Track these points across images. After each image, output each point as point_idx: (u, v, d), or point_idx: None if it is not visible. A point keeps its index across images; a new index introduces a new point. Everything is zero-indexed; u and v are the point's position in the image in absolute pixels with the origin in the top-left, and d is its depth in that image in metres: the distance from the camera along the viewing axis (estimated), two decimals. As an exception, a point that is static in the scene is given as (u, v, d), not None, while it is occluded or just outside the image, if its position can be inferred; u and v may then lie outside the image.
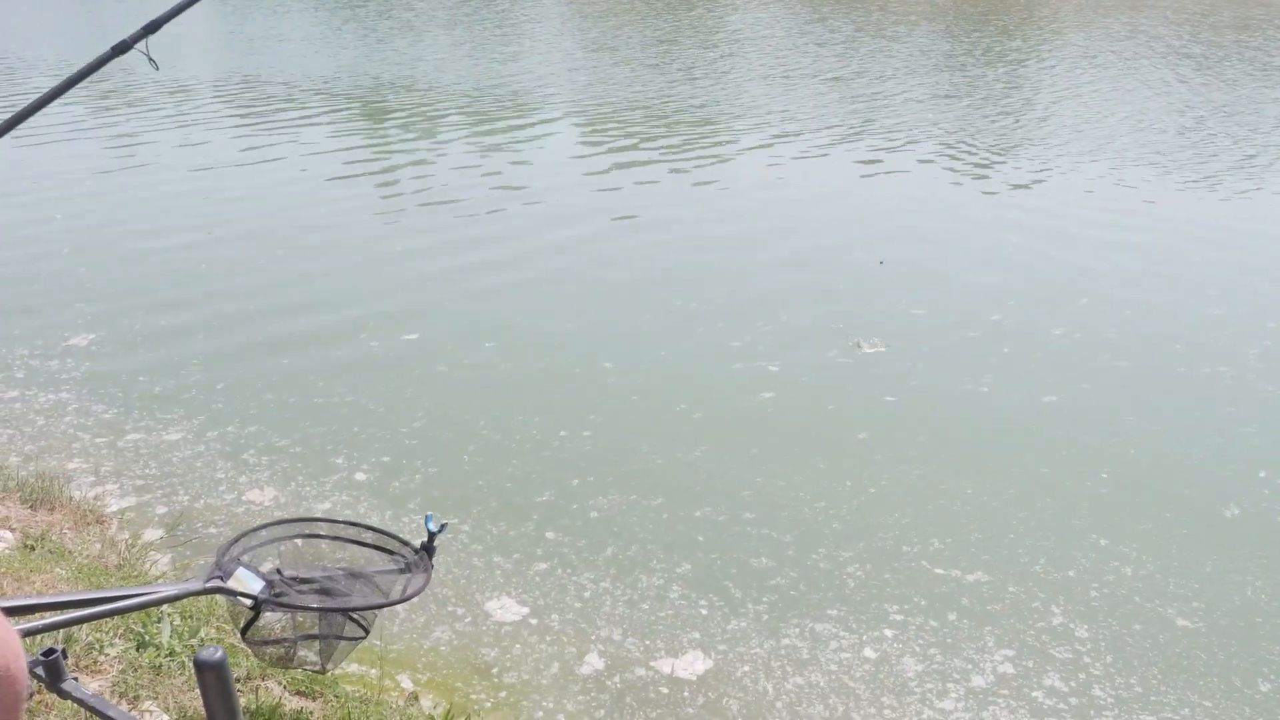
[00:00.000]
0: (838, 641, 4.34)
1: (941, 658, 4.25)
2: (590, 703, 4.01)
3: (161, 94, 19.58)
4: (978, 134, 15.63)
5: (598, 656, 4.28)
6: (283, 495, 5.61)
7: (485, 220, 11.02)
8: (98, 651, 3.43)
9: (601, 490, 5.56)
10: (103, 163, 13.85)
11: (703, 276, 9.03)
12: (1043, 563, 4.90)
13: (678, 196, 12.04)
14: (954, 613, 4.54)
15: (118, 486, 5.61)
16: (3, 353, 7.30)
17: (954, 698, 4.03)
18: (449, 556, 5.00)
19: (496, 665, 4.26)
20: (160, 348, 7.45)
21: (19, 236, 10.30)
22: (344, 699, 3.60)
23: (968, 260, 9.74)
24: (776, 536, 5.11)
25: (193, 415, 6.34)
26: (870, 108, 17.75)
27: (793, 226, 10.67)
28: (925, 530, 5.16)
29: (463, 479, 5.76)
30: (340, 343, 7.56)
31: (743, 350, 7.40)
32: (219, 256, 9.68)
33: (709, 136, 15.48)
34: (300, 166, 13.76)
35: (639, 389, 6.81)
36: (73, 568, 4.24)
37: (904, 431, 6.23)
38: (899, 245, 10.05)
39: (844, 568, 4.86)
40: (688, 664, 4.19)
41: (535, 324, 8.03)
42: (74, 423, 6.25)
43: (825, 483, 5.62)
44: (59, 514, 5.00)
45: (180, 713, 3.24)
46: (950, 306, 8.36)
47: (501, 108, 17.95)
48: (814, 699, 4.02)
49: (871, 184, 12.71)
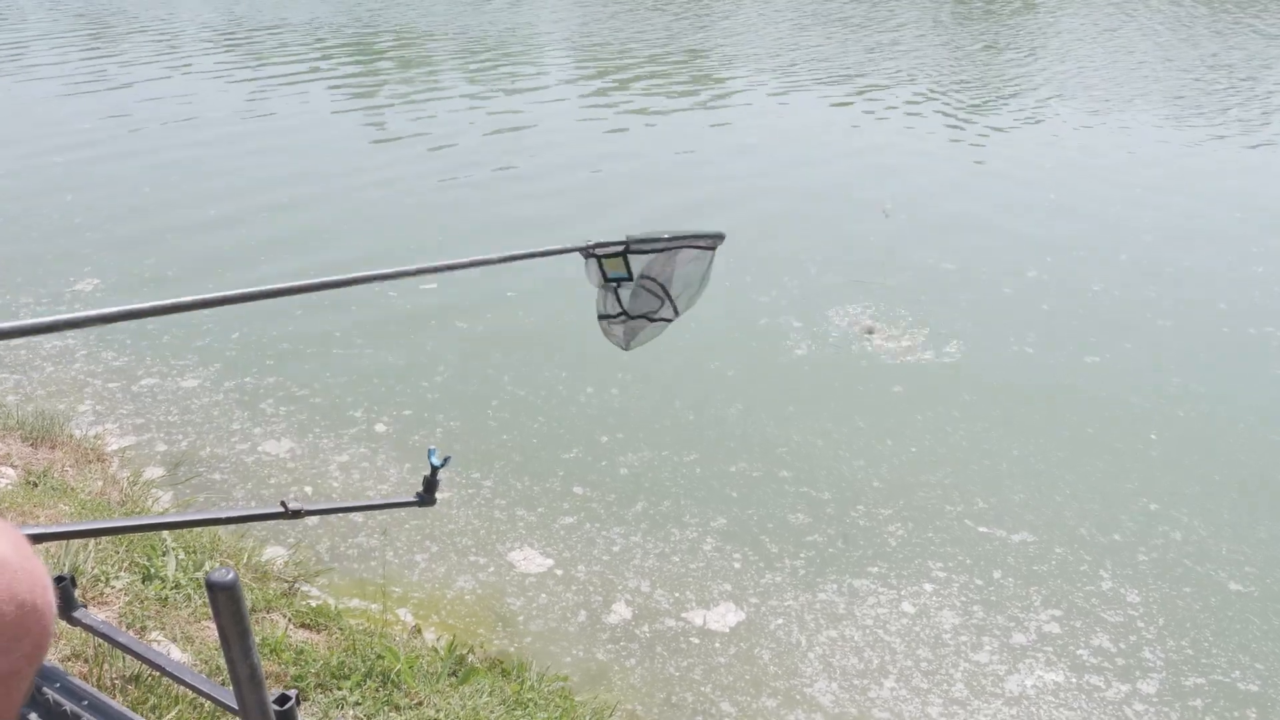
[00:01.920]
0: (875, 597, 4.52)
1: (983, 613, 4.42)
2: (619, 651, 4.20)
3: (165, 37, 19.84)
4: (1005, 85, 15.72)
5: (625, 607, 4.47)
6: (299, 447, 5.82)
7: (505, 171, 11.24)
8: (103, 583, 3.64)
9: (632, 447, 5.74)
10: (103, 106, 14.12)
11: (727, 230, 9.17)
12: (1089, 525, 5.05)
13: (700, 146, 12.16)
14: (999, 571, 4.70)
15: (117, 426, 5.91)
16: (6, 299, 7.54)
17: (989, 650, 4.21)
18: (470, 510, 5.21)
19: (522, 614, 4.46)
20: (169, 295, 7.64)
21: (18, 183, 10.55)
22: (348, 632, 3.81)
23: (1000, 215, 9.90)
24: (814, 494, 5.28)
25: (208, 363, 6.56)
26: (885, 56, 17.78)
27: (822, 183, 10.79)
28: (969, 490, 5.32)
29: (486, 433, 5.94)
30: (357, 294, 7.77)
31: (771, 306, 7.58)
32: (229, 204, 9.95)
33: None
34: (311, 115, 14.00)
35: (667, 344, 6.96)
36: (76, 503, 4.47)
37: (946, 390, 6.40)
38: (924, 199, 10.26)
39: (885, 526, 5.03)
40: (720, 615, 4.38)
41: (557, 276, 8.21)
42: (83, 369, 6.49)
43: (865, 441, 5.79)
44: (60, 451, 5.26)
45: (188, 642, 3.45)
46: (984, 262, 8.58)
47: (510, 57, 18.08)
48: (848, 651, 4.20)
49: (904, 137, 12.84)
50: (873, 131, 13.25)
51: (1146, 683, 4.06)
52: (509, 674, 3.74)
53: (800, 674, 4.06)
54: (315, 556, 4.79)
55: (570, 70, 17.92)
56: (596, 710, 3.62)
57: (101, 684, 2.93)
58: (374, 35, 20.92)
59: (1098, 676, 4.09)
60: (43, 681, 2.16)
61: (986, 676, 4.08)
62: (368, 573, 4.72)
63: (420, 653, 3.73)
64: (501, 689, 3.55)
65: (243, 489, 5.37)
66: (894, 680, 4.05)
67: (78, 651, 3.11)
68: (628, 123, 13.60)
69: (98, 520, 4.21)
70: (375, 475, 5.53)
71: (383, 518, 5.14)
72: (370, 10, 25.26)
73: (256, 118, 13.85)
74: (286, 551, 4.74)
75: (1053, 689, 4.01)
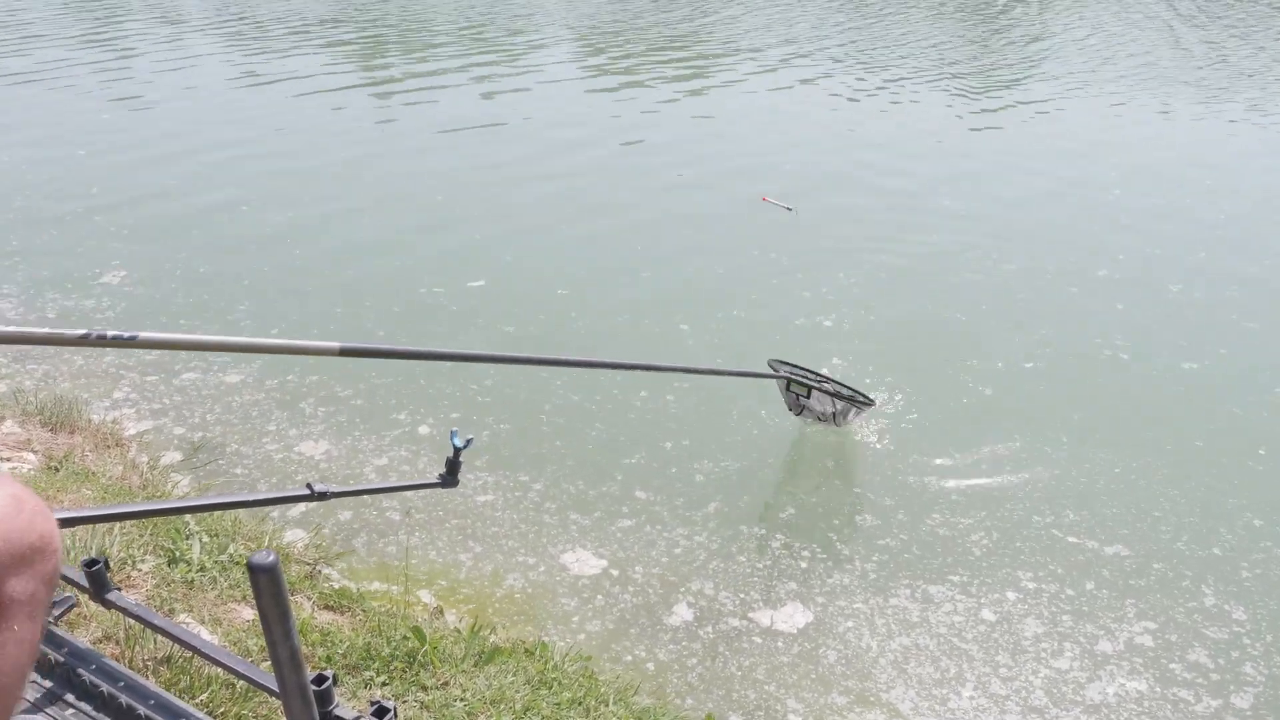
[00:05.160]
0: (952, 604, 4.83)
1: (1071, 622, 4.71)
2: (681, 651, 4.54)
3: (189, 26, 20.75)
4: (1050, 72, 15.99)
5: (687, 608, 4.81)
6: (336, 448, 6.25)
7: (553, 165, 11.78)
8: (130, 567, 4.04)
9: (697, 454, 6.09)
10: (123, 97, 14.90)
11: (773, 223, 9.62)
12: (1187, 539, 5.32)
13: (744, 144, 12.55)
14: (1091, 582, 4.99)
15: (134, 411, 6.42)
16: (32, 293, 8.11)
17: (1071, 657, 4.51)
18: (517, 513, 5.61)
19: (577, 614, 4.81)
20: (200, 288, 8.26)
21: (42, 175, 11.23)
22: (371, 613, 4.18)
23: (1059, 207, 10.32)
24: (889, 501, 5.60)
25: (249, 359, 7.08)
26: (908, 44, 18.08)
27: (877, 182, 11.12)
28: (1059, 501, 5.63)
29: (538, 437, 6.33)
30: (401, 289, 8.25)
31: (829, 304, 7.99)
32: (259, 196, 10.59)
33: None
34: (335, 102, 14.67)
35: (721, 349, 7.33)
36: (98, 488, 4.91)
37: (1037, 396, 6.73)
38: (977, 189, 10.71)
39: (966, 535, 5.33)
40: (787, 616, 4.71)
41: (606, 275, 8.68)
42: (114, 361, 7.00)
43: (948, 447, 6.08)
44: (79, 437, 5.76)
45: (215, 624, 3.83)
46: (1051, 261, 8.99)
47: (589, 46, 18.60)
48: (923, 658, 4.50)
49: (951, 128, 13.14)
50: (940, 128, 13.58)
51: (1241, 697, 4.31)
52: (531, 654, 4.08)
53: (872, 677, 4.38)
54: (334, 540, 5.22)
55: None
56: (620, 690, 3.94)
57: (133, 666, 3.29)
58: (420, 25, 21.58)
59: (1188, 690, 4.35)
60: (78, 663, 2.54)
61: (1067, 684, 4.36)
62: (387, 556, 5.14)
63: (443, 634, 4.09)
64: (525, 668, 3.89)
65: (266, 483, 5.82)
66: (972, 688, 4.34)
67: (109, 634, 3.48)
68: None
69: (124, 504, 4.63)
70: (416, 478, 5.92)
71: (410, 501, 5.59)
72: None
73: (286, 108, 14.52)
74: (307, 535, 5.16)
75: (1135, 698, 4.29)
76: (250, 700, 3.07)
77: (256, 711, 3.05)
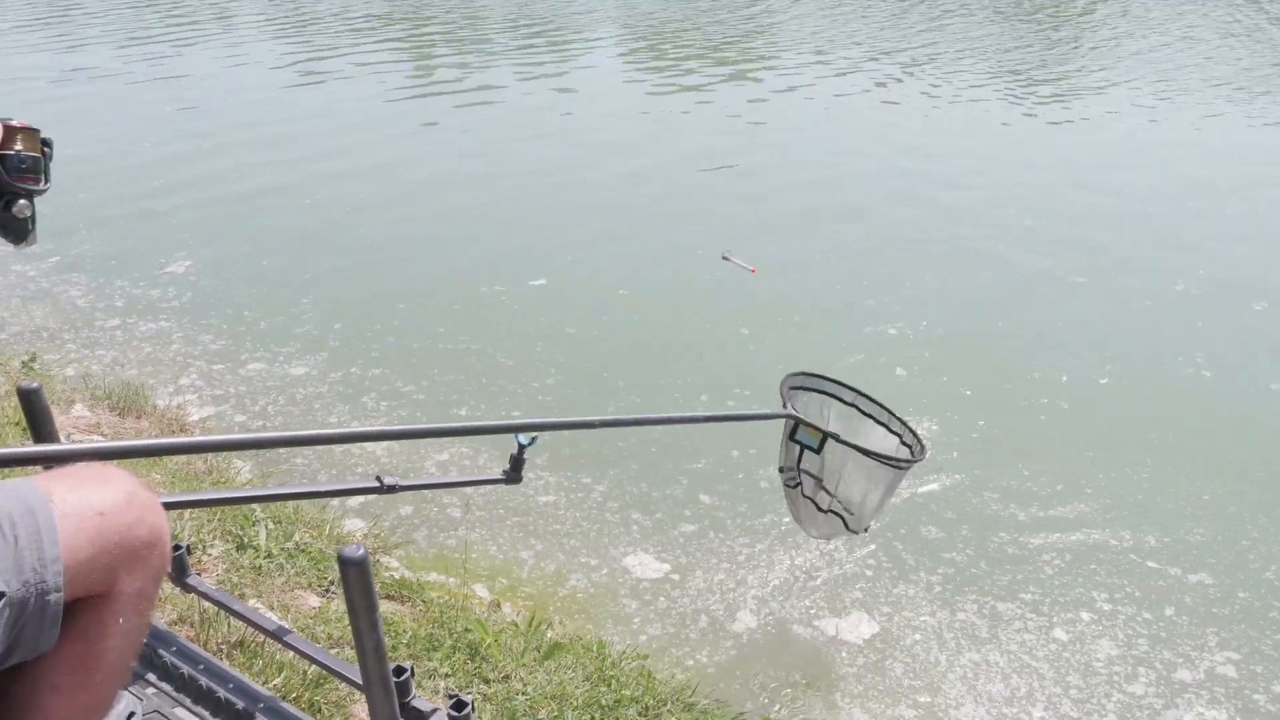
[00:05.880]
0: (1022, 622, 4.80)
1: (1147, 647, 4.66)
2: (742, 657, 4.56)
3: (246, 23, 21.09)
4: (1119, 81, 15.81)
5: (750, 615, 4.82)
6: (398, 443, 6.31)
7: (615, 166, 11.88)
8: (201, 552, 4.13)
9: (763, 461, 6.08)
10: (186, 92, 15.22)
11: (837, 232, 9.67)
12: (1277, 568, 5.22)
13: (810, 148, 12.52)
14: (1171, 608, 4.93)
15: (196, 397, 6.59)
16: (101, 282, 8.29)
17: (1147, 683, 4.46)
18: (579, 512, 5.64)
19: (638, 616, 4.84)
20: (264, 280, 8.42)
21: (108, 166, 11.48)
22: (430, 604, 4.23)
23: (1133, 220, 10.23)
24: (951, 514, 5.60)
25: (313, 351, 7.18)
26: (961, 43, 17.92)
27: (942, 192, 11.05)
28: (1138, 524, 5.57)
29: (600, 440, 6.36)
30: (462, 286, 8.33)
31: (894, 314, 7.98)
32: (319, 192, 10.81)
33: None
34: (394, 101, 14.88)
35: (783, 354, 7.33)
36: (166, 472, 5.03)
37: (1114, 414, 6.67)
38: (1046, 200, 10.69)
39: (1037, 554, 5.30)
40: (852, 626, 4.69)
41: (667, 276, 8.73)
42: (181, 350, 7.14)
43: (1016, 464, 6.04)
44: (145, 421, 5.92)
45: (284, 611, 3.90)
46: (1125, 276, 8.89)
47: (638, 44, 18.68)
48: (993, 675, 4.48)
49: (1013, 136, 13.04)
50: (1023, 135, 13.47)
51: (1329, 729, 4.24)
52: (590, 650, 4.10)
53: (942, 691, 4.37)
54: (393, 531, 5.30)
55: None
56: (677, 689, 3.95)
57: (208, 648, 3.37)
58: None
59: (1268, 720, 4.29)
60: (159, 644, 2.60)
61: (1142, 709, 4.31)
62: (446, 549, 5.22)
63: (501, 627, 4.13)
64: (584, 664, 3.92)
65: (327, 474, 5.90)
66: (1042, 708, 4.32)
67: (184, 616, 3.56)
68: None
69: (208, 491, 4.73)
70: (477, 474, 5.98)
71: (469, 497, 5.64)
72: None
73: (345, 105, 14.73)
74: (365, 524, 5.23)
75: (1214, 727, 4.23)
76: (322, 687, 3.12)
77: (327, 698, 3.11)
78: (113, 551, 1.54)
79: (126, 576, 1.58)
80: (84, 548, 1.50)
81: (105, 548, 1.53)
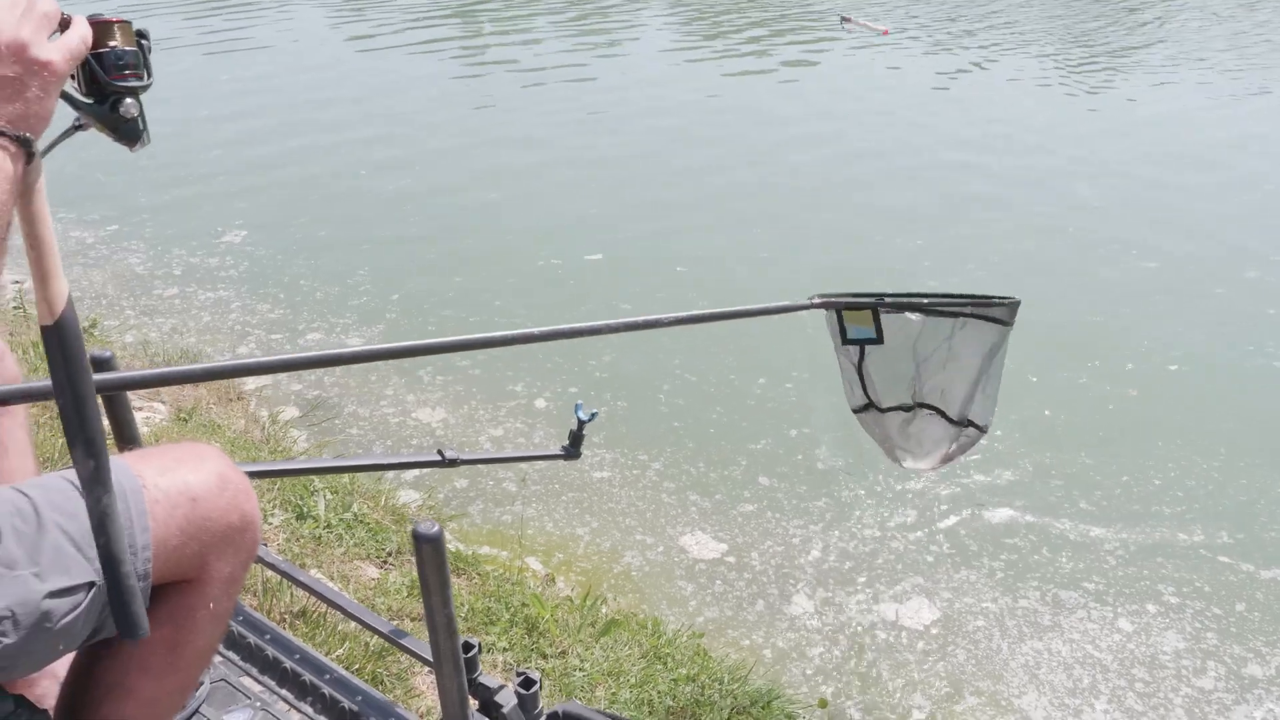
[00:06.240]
0: (1085, 611, 4.74)
1: (1216, 641, 4.59)
2: (799, 640, 4.54)
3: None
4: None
5: (806, 599, 4.79)
6: (453, 416, 6.36)
7: (677, 136, 11.86)
8: (262, 521, 4.15)
9: (818, 441, 6.05)
10: (241, 62, 15.37)
11: (896, 212, 9.59)
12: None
13: (868, 126, 12.40)
14: (1243, 604, 4.86)
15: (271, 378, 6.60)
16: (159, 249, 8.39)
17: (1215, 677, 4.39)
18: (635, 490, 5.64)
19: (694, 598, 4.83)
20: (321, 251, 8.48)
21: (165, 134, 11.56)
22: (486, 577, 4.24)
23: (1205, 202, 10.05)
24: (1020, 501, 5.53)
25: (370, 323, 7.23)
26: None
27: (1008, 167, 10.90)
28: (1209, 516, 5.47)
29: (656, 418, 6.36)
30: (520, 264, 8.33)
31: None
32: (374, 163, 10.85)
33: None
34: (451, 73, 15.04)
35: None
36: (225, 441, 5.08)
37: (1184, 402, 6.57)
38: (1114, 178, 10.54)
39: (1100, 543, 5.23)
40: (913, 611, 4.66)
41: (727, 249, 8.68)
42: (239, 319, 7.20)
43: (1079, 452, 5.96)
44: (203, 389, 5.97)
45: (344, 581, 3.92)
46: (1196, 261, 8.71)
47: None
48: (1055, 665, 4.43)
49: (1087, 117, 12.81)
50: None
51: (1405, 729, 4.16)
52: (644, 627, 4.10)
53: (1004, 680, 4.34)
54: (447, 503, 5.33)
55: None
56: (732, 668, 3.94)
57: (271, 618, 3.40)
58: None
59: (1344, 718, 4.21)
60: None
61: (1210, 704, 4.25)
62: (502, 524, 5.23)
63: (557, 602, 4.14)
64: (640, 642, 3.92)
65: (382, 445, 5.94)
66: (1106, 700, 4.26)
67: (246, 585, 3.61)
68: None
69: (275, 461, 4.77)
70: (533, 449, 5.99)
71: (525, 472, 5.66)
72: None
73: (401, 77, 14.78)
74: (420, 496, 5.25)
75: (1288, 722, 4.16)
76: (384, 659, 3.14)
77: (389, 670, 3.12)
78: (203, 538, 1.52)
79: (217, 562, 1.56)
80: (174, 535, 1.48)
81: (196, 534, 1.51)
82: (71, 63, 1.10)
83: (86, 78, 1.17)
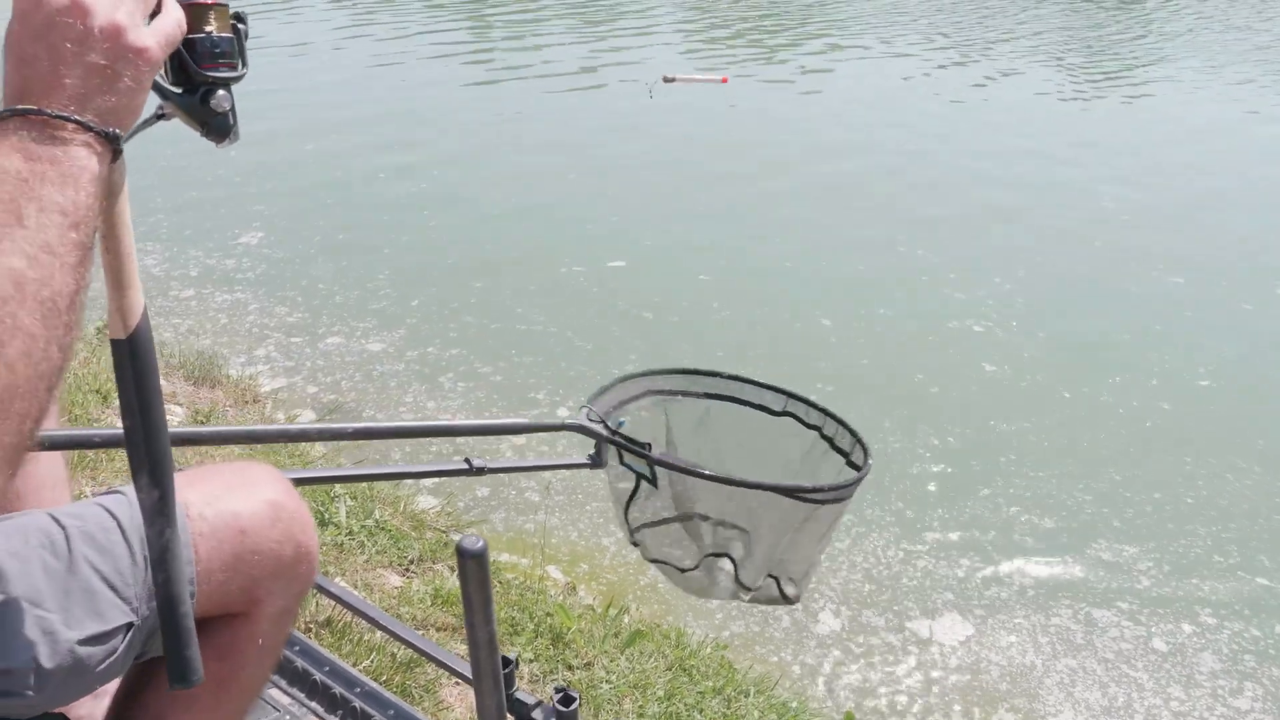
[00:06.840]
0: (1119, 630, 4.69)
1: (1254, 664, 4.53)
2: (828, 657, 4.50)
3: None
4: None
5: (833, 616, 4.74)
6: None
7: (695, 139, 11.92)
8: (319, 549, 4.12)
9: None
10: (260, 61, 15.41)
11: (921, 222, 9.54)
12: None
13: (891, 131, 12.36)
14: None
15: (268, 368, 6.63)
16: (175, 250, 8.38)
17: (1253, 698, 4.34)
18: (659, 504, 5.57)
19: (720, 611, 4.78)
20: (339, 254, 8.48)
21: (181, 134, 11.53)
22: (508, 586, 4.19)
23: (1235, 213, 10.02)
24: (1050, 522, 5.49)
25: (390, 327, 7.22)
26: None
27: (1031, 176, 10.85)
28: (1248, 537, 5.40)
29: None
30: (539, 266, 8.31)
31: (984, 309, 7.82)
32: (393, 167, 10.85)
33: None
34: (470, 78, 15.04)
35: (866, 349, 7.22)
36: (246, 447, 5.02)
37: (1216, 418, 6.49)
38: (1141, 190, 10.49)
39: (1133, 562, 5.17)
40: (946, 627, 4.61)
41: (752, 256, 8.67)
42: (257, 321, 7.19)
43: (1108, 470, 5.91)
44: (220, 391, 5.97)
45: (367, 590, 3.88)
46: (1224, 274, 8.63)
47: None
48: (1090, 683, 4.38)
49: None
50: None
51: None
52: (668, 639, 4.06)
53: (1039, 698, 4.29)
54: (467, 510, 5.30)
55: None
56: (758, 680, 3.90)
57: (296, 626, 3.36)
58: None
59: (1387, 744, 4.15)
60: None
61: (1249, 725, 4.19)
62: (524, 532, 5.22)
63: (580, 612, 4.10)
64: (664, 653, 3.87)
65: (400, 452, 5.89)
66: (1142, 718, 4.21)
67: None
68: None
69: (296, 470, 4.72)
70: (556, 458, 5.95)
71: (547, 480, 5.64)
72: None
73: (420, 82, 14.79)
74: (439, 502, 5.22)
75: (1329, 748, 4.10)
76: (412, 670, 3.10)
77: (416, 681, 3.08)
78: (252, 572, 1.43)
79: (267, 596, 1.48)
80: (219, 571, 1.39)
81: (243, 568, 1.42)
82: (167, 50, 0.99)
83: (175, 65, 1.06)
